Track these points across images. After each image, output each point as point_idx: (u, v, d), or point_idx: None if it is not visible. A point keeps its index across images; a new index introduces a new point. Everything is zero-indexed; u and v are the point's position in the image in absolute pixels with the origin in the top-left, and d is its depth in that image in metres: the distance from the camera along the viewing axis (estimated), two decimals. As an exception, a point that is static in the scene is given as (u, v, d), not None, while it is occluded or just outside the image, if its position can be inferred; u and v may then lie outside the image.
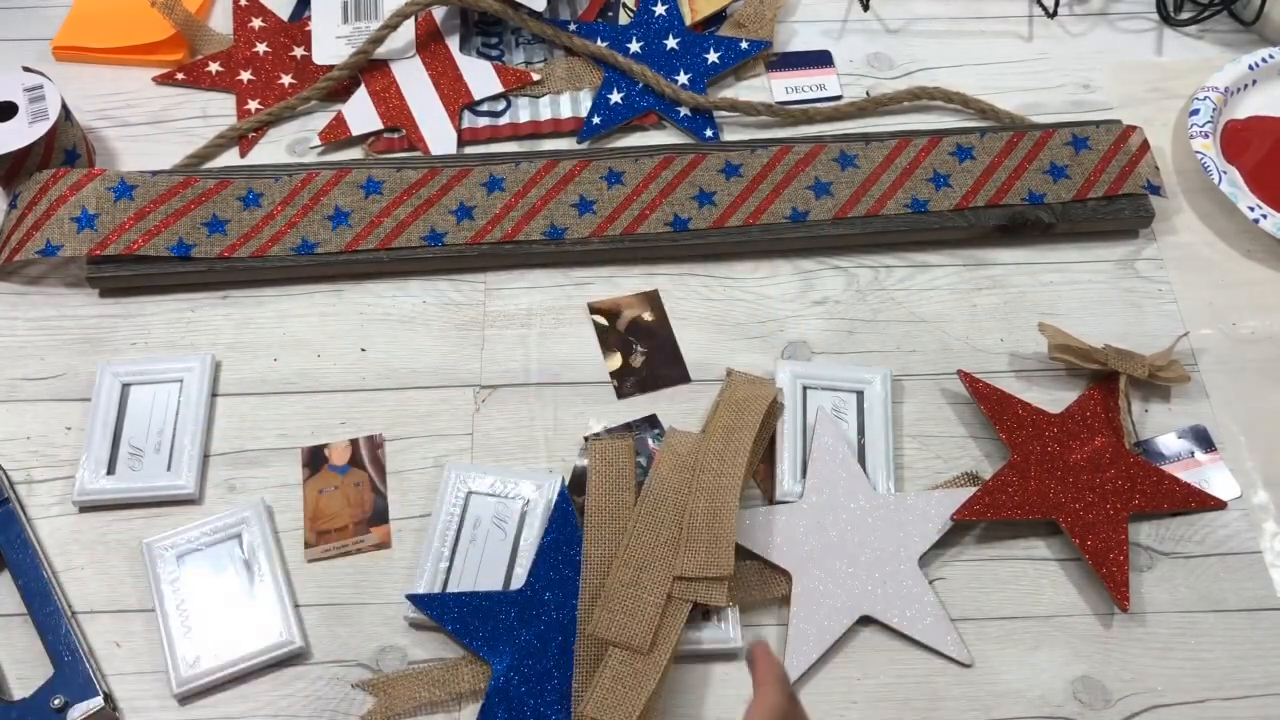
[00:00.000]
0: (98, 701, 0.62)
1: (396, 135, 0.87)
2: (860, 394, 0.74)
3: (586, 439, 0.73)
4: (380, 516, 0.70)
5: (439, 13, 0.92)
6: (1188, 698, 0.65)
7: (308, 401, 0.75)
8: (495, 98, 0.89)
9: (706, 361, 0.77)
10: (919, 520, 0.69)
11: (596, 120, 0.87)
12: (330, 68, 0.89)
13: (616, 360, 0.77)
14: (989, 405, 0.73)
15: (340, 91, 0.89)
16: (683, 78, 0.89)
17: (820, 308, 0.80)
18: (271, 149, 0.87)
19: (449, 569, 0.67)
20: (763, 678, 0.53)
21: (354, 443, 0.73)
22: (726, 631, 0.65)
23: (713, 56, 0.90)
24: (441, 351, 0.77)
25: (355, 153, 0.87)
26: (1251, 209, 0.82)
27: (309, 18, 0.92)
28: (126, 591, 0.67)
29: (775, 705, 0.52)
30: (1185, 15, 0.96)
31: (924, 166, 0.83)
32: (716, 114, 0.89)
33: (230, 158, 0.86)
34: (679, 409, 0.74)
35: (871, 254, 0.82)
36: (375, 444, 0.73)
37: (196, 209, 0.80)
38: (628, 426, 0.73)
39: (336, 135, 0.86)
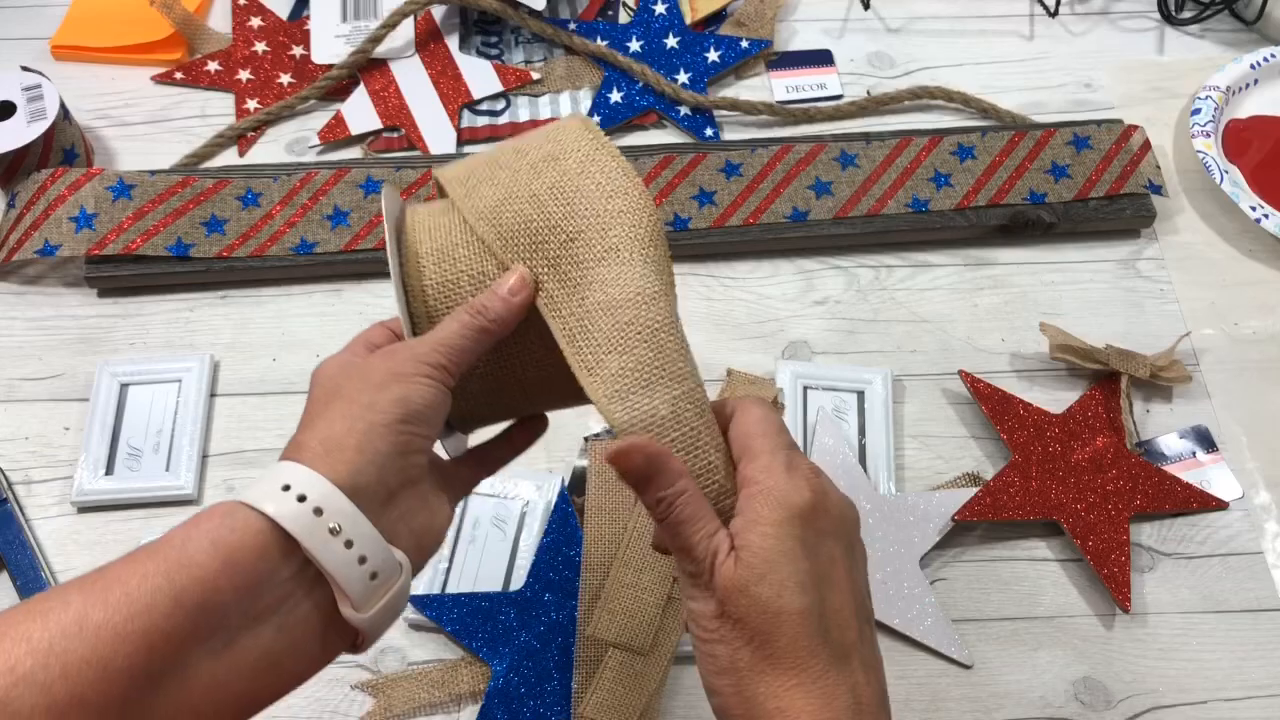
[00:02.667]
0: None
1: (396, 134, 0.87)
2: (861, 394, 0.74)
3: (586, 439, 0.72)
4: (379, 517, 0.70)
5: (438, 12, 0.92)
6: (1189, 699, 0.65)
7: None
8: (495, 97, 0.89)
9: (706, 361, 0.76)
10: (920, 521, 0.69)
11: (596, 120, 0.87)
12: (329, 67, 0.89)
13: (616, 360, 0.76)
14: (990, 405, 0.73)
15: (339, 91, 0.89)
16: (683, 77, 0.89)
17: (821, 307, 0.79)
18: (270, 148, 0.86)
19: (448, 570, 0.67)
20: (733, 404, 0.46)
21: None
22: (727, 632, 0.65)
23: (713, 55, 0.90)
24: (441, 351, 0.77)
25: (354, 152, 0.86)
26: (1253, 208, 0.82)
27: (308, 17, 0.92)
28: (125, 592, 0.67)
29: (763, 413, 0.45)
30: (1187, 14, 0.96)
31: (925, 166, 0.83)
32: (717, 113, 0.88)
33: (229, 157, 0.86)
34: (679, 409, 0.74)
35: (872, 253, 0.82)
36: (374, 444, 0.72)
37: (195, 208, 0.79)
38: (628, 427, 0.73)
39: (335, 135, 0.86)
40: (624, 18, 0.94)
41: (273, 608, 0.37)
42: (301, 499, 0.37)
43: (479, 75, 0.89)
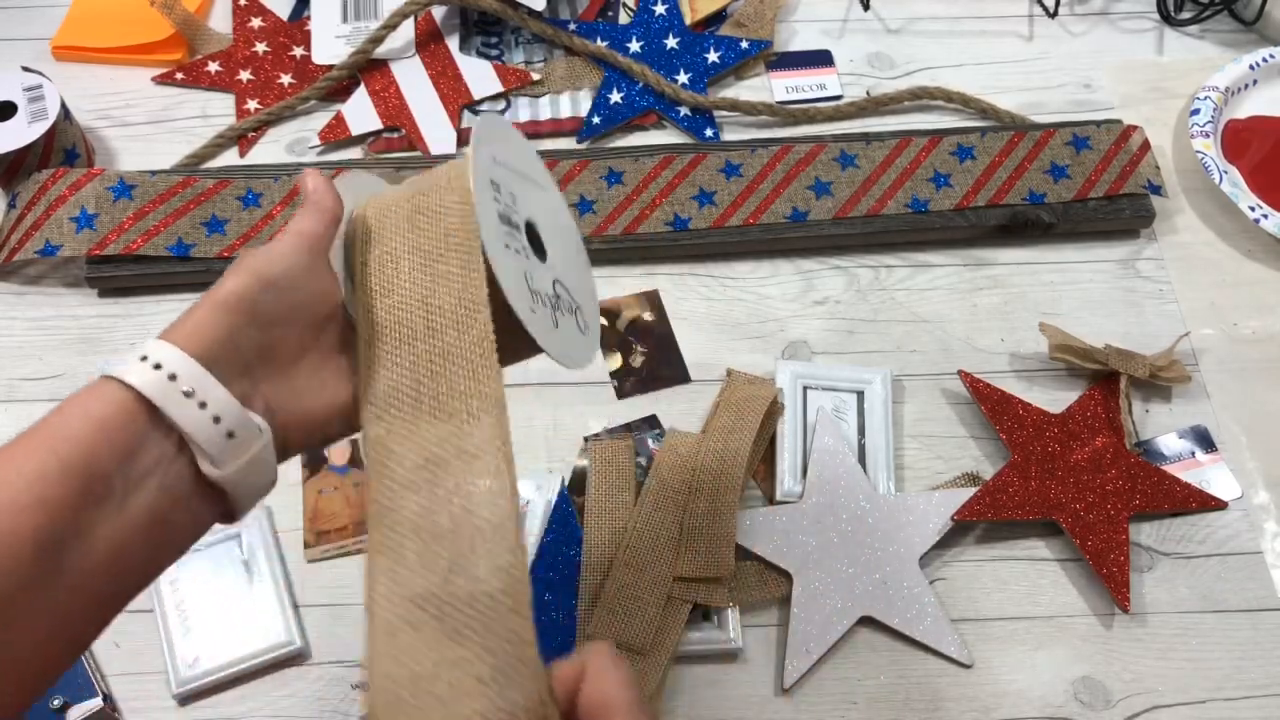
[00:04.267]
0: (97, 702, 0.62)
1: (396, 135, 0.87)
2: (861, 394, 0.74)
3: (586, 439, 0.72)
4: (380, 517, 0.70)
5: (438, 12, 0.92)
6: (1188, 698, 0.65)
7: (307, 402, 0.75)
8: (495, 97, 0.89)
9: (706, 361, 0.76)
10: (919, 521, 0.69)
11: (596, 120, 0.87)
12: (329, 67, 0.89)
13: (616, 360, 0.77)
14: (989, 405, 0.73)
15: (340, 91, 0.89)
16: (683, 77, 0.89)
17: (821, 307, 0.80)
18: (271, 149, 0.86)
19: (449, 569, 0.67)
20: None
21: (354, 443, 0.72)
22: (726, 631, 0.65)
23: (713, 56, 0.90)
24: (441, 351, 0.77)
25: (355, 153, 0.86)
26: (1252, 209, 0.82)
27: (308, 17, 0.92)
28: (126, 592, 0.67)
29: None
30: (1186, 15, 0.96)
31: (924, 166, 0.83)
32: (716, 114, 0.88)
33: (229, 157, 0.86)
34: (679, 409, 0.74)
35: (872, 254, 0.82)
36: (374, 444, 0.73)
37: (196, 209, 0.79)
38: (628, 427, 0.73)
39: (336, 135, 0.86)
40: (624, 18, 0.94)
41: (150, 469, 0.40)
42: (158, 367, 0.40)
43: (479, 76, 0.89)
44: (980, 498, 0.69)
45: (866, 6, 0.97)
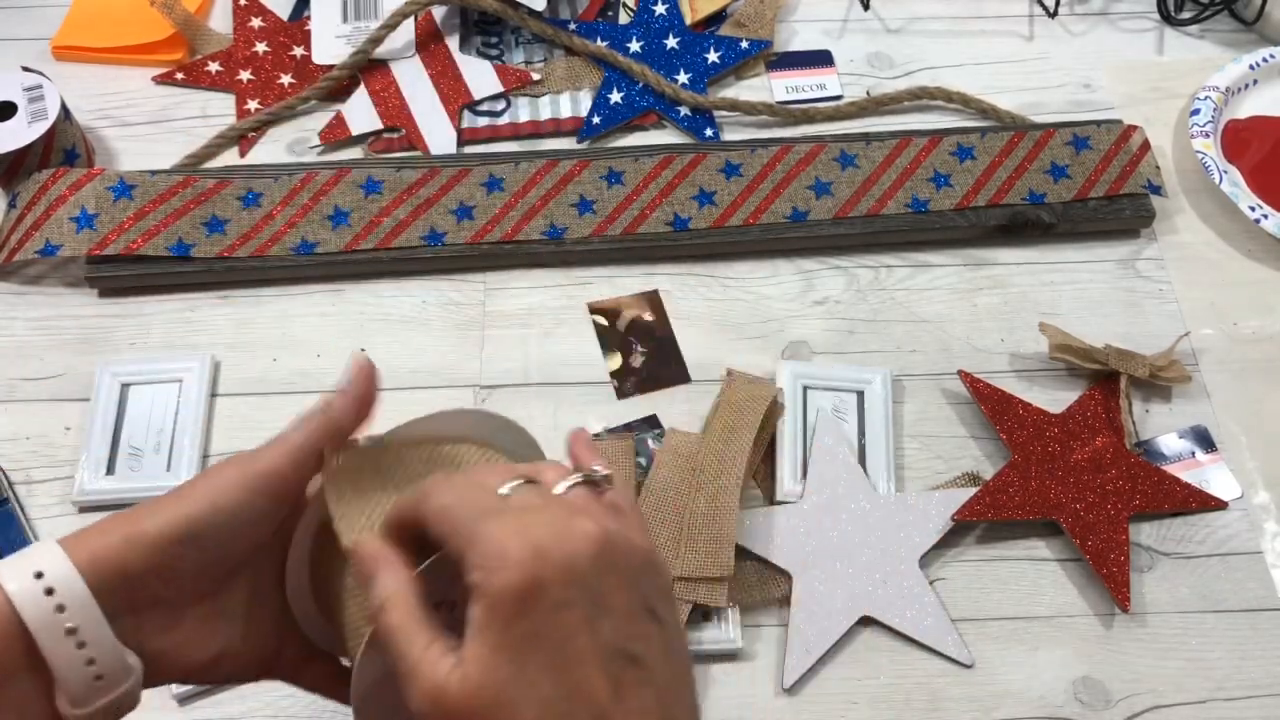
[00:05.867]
0: (97, 702, 0.62)
1: (396, 135, 0.87)
2: (861, 394, 0.74)
3: (586, 439, 0.72)
4: (380, 517, 0.70)
5: (438, 12, 0.92)
6: (1189, 698, 0.65)
7: (308, 401, 0.74)
8: (495, 97, 0.89)
9: (706, 361, 0.76)
10: (919, 521, 0.69)
11: (596, 120, 0.87)
12: (330, 67, 0.89)
13: (616, 360, 0.77)
14: (990, 405, 0.73)
15: (340, 91, 0.89)
16: (683, 77, 0.89)
17: (820, 308, 0.80)
18: (271, 149, 0.86)
19: (449, 569, 0.67)
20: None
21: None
22: (726, 631, 0.65)
23: (713, 56, 0.90)
24: (441, 352, 0.77)
25: (355, 152, 0.86)
26: (1252, 209, 0.82)
27: (308, 17, 0.92)
28: (126, 592, 0.67)
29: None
30: (1186, 15, 0.96)
31: (924, 166, 0.83)
32: (716, 114, 0.88)
33: (230, 157, 0.86)
34: (679, 409, 0.74)
35: (872, 254, 0.82)
36: (375, 444, 0.73)
37: (196, 209, 0.79)
38: (628, 427, 0.73)
39: (336, 135, 0.86)
40: (624, 18, 0.94)
41: (7, 707, 0.38)
42: (49, 592, 0.37)
43: (479, 75, 0.89)
44: (980, 498, 0.69)
45: (866, 6, 0.97)
